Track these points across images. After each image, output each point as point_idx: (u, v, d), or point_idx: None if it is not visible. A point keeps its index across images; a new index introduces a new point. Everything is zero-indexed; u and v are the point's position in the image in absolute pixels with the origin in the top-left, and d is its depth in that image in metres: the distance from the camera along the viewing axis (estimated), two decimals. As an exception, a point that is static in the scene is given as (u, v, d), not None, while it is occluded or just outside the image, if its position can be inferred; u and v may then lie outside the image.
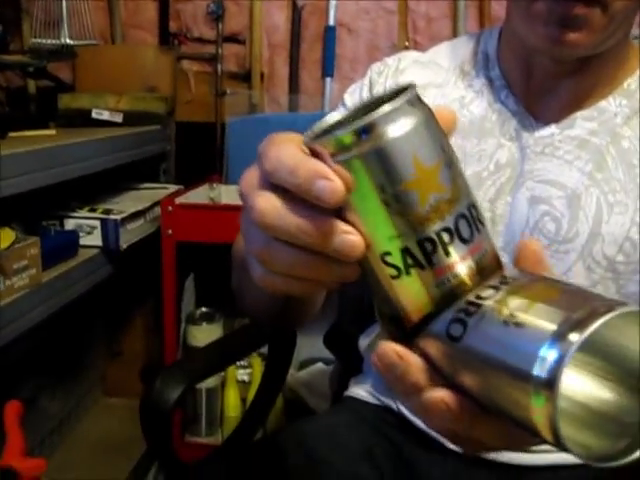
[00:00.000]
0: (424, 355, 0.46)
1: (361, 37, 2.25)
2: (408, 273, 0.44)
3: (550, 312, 0.40)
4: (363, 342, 1.07)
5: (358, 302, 1.17)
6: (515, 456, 0.92)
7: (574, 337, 0.38)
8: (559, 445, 0.39)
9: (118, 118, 2.02)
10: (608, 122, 0.86)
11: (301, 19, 2.26)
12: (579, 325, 0.38)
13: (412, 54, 0.99)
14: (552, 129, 0.87)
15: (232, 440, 1.25)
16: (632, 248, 0.82)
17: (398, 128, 0.42)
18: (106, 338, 2.36)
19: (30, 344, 1.79)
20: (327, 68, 2.23)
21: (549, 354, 0.38)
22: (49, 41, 2.15)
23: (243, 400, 2.07)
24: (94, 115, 2.01)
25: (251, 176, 0.46)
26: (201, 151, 2.27)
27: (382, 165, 0.43)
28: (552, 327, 0.39)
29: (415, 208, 0.43)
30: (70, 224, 1.70)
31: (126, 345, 2.36)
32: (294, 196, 0.43)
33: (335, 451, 0.98)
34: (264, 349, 1.30)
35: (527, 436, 0.45)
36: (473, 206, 0.45)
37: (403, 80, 0.94)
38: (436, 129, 0.44)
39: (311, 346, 1.84)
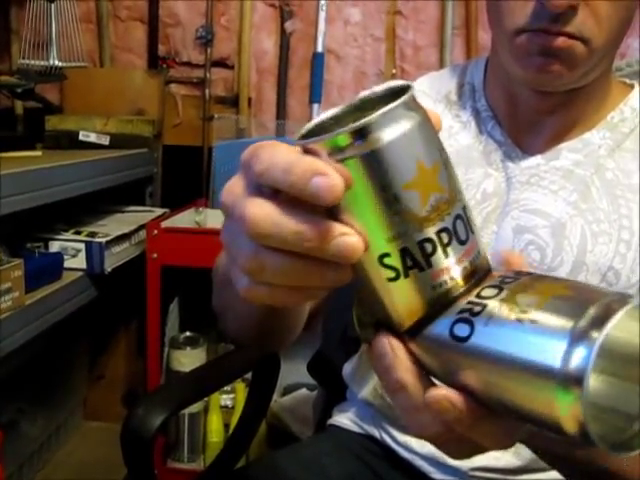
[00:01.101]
0: (417, 359, 0.46)
1: (349, 64, 2.27)
2: (407, 275, 0.44)
3: (565, 307, 0.40)
4: (347, 370, 1.06)
5: (342, 330, 1.17)
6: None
7: (597, 333, 0.38)
8: (585, 440, 0.39)
9: (105, 141, 2.02)
10: (592, 154, 0.86)
11: (289, 45, 2.27)
12: (599, 320, 0.38)
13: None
14: (538, 160, 0.88)
15: (214, 467, 1.24)
16: (615, 278, 0.83)
17: (400, 128, 0.42)
18: (88, 362, 2.34)
19: (11, 367, 1.77)
20: (315, 94, 2.24)
21: (574, 351, 0.38)
22: (38, 62, 2.15)
23: (226, 425, 2.05)
24: (81, 137, 2.01)
25: (235, 186, 0.45)
26: (188, 175, 2.27)
27: (384, 165, 0.42)
28: (571, 322, 0.39)
29: (416, 208, 0.42)
30: (55, 246, 1.69)
31: (108, 369, 2.34)
32: (286, 200, 0.42)
33: (319, 480, 0.97)
34: (248, 374, 1.29)
35: (520, 435, 0.47)
36: (466, 207, 0.45)
37: None
38: (433, 130, 0.44)
39: (295, 372, 1.83)
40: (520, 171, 0.88)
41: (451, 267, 0.44)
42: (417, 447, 0.93)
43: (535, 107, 0.86)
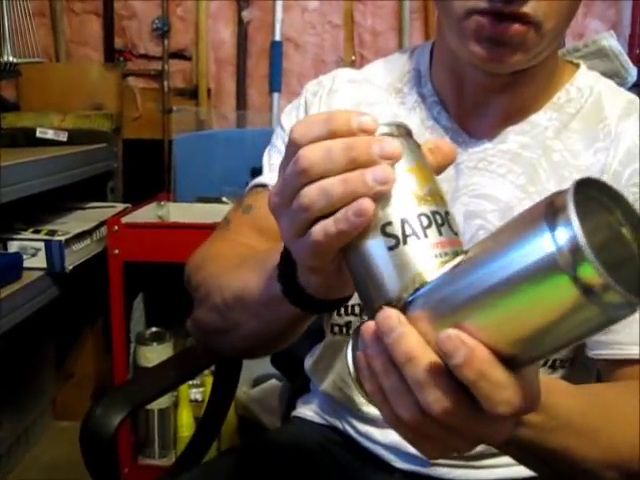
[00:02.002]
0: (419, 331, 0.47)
1: (308, 52, 2.26)
2: (405, 242, 0.48)
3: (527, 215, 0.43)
4: (308, 362, 1.06)
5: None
6: (461, 472, 0.91)
7: (564, 206, 0.40)
8: (618, 296, 0.39)
9: (63, 137, 1.99)
10: (539, 135, 0.86)
11: (247, 34, 2.26)
12: (559, 201, 0.40)
13: (347, 73, 0.98)
14: (485, 144, 0.87)
15: (183, 460, 1.23)
16: None
17: (405, 138, 0.51)
18: (56, 361, 2.32)
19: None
20: (274, 83, 2.23)
21: (558, 227, 0.40)
22: (-9, 59, 2.11)
23: (197, 419, 2.04)
24: (38, 134, 1.98)
25: (277, 184, 0.52)
26: (149, 169, 2.25)
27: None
28: (541, 214, 0.41)
29: (416, 187, 0.50)
30: (14, 246, 1.66)
31: (77, 367, 2.32)
32: None
33: (283, 472, 0.97)
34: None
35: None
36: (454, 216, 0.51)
37: (337, 101, 0.94)
38: (426, 158, 0.53)
39: (265, 363, 1.82)
40: (468, 156, 0.87)
41: (445, 244, 0.48)
42: (379, 437, 0.93)
43: (482, 86, 0.84)
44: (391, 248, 0.48)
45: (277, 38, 2.22)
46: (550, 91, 0.88)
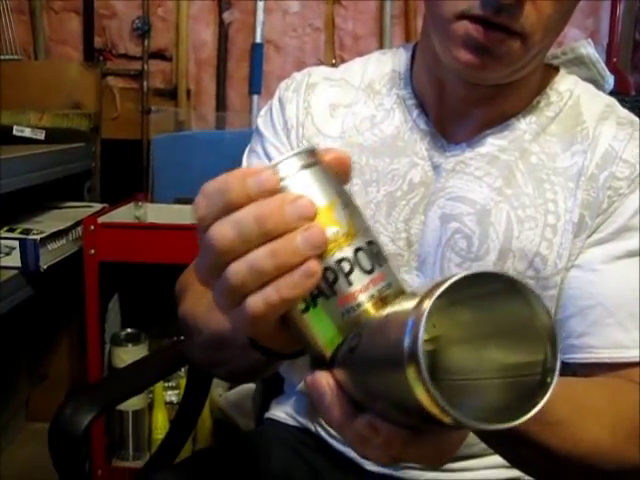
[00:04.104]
0: (344, 389, 0.47)
1: (288, 54, 2.26)
2: (315, 304, 0.46)
3: (408, 302, 0.43)
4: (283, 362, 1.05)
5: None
6: (433, 475, 0.91)
7: (422, 309, 0.39)
8: (450, 417, 0.39)
9: (40, 135, 1.98)
10: (517, 139, 0.85)
11: (228, 36, 2.25)
12: (425, 299, 0.40)
13: (322, 70, 0.97)
14: (463, 148, 0.86)
15: (155, 461, 1.22)
16: (542, 263, 0.82)
17: (292, 173, 0.46)
18: (30, 361, 2.30)
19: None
20: (254, 85, 2.23)
21: (407, 336, 0.40)
22: (-31, 56, 2.10)
23: (172, 421, 2.02)
24: (15, 132, 1.96)
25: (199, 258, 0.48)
26: (128, 169, 2.24)
27: None
28: (411, 309, 0.41)
29: None
30: (-13, 244, 1.65)
31: (51, 368, 2.30)
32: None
33: (255, 474, 0.96)
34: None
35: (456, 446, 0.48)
36: (372, 242, 0.47)
37: (314, 99, 0.93)
38: (328, 174, 0.47)
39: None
40: (446, 159, 0.86)
41: (357, 294, 0.46)
42: (350, 439, 0.92)
43: (463, 97, 0.84)
44: (303, 311, 0.46)
45: (258, 40, 2.22)
46: (530, 96, 0.87)
